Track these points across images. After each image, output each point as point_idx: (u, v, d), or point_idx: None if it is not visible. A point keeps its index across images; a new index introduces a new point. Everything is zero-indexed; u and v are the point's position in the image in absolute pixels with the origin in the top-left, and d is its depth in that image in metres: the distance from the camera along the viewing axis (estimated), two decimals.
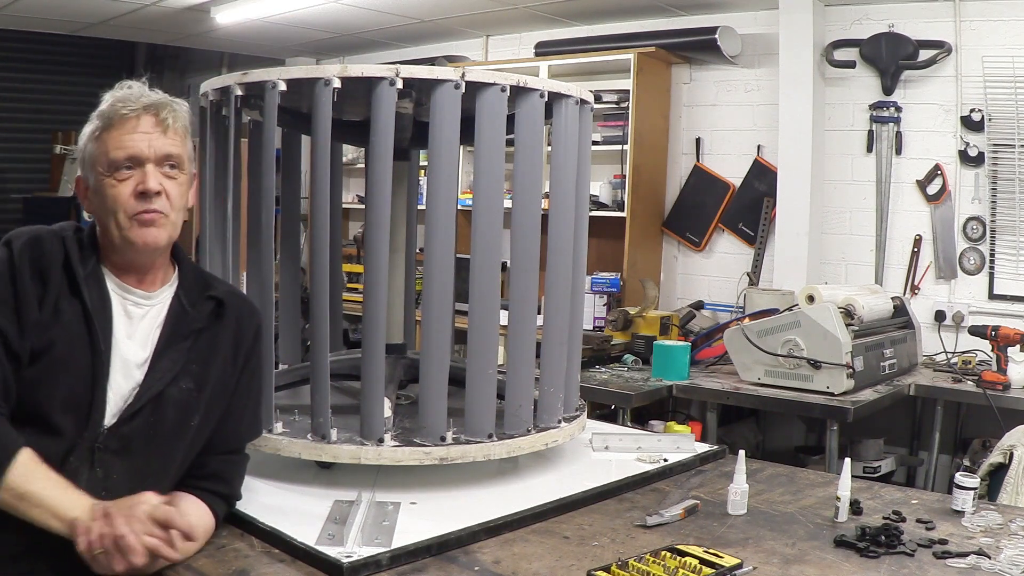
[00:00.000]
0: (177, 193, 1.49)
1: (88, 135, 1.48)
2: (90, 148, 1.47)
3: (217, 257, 2.04)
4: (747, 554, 1.57)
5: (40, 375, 1.39)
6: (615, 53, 5.03)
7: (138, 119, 1.45)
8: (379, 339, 1.81)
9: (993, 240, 4.28)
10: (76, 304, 1.43)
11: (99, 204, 1.48)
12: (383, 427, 1.82)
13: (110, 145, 1.44)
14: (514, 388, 1.93)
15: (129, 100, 1.46)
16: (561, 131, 1.96)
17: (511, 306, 1.94)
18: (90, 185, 1.49)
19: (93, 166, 1.47)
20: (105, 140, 1.45)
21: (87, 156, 1.48)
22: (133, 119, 1.45)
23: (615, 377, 3.67)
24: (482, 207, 1.86)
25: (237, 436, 1.65)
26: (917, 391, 3.73)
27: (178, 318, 1.53)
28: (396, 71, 1.76)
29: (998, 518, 1.81)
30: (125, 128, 1.45)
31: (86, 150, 1.48)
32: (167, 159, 1.47)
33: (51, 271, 1.43)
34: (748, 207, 4.97)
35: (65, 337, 1.41)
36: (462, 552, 1.55)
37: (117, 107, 1.45)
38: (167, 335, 1.51)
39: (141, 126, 1.45)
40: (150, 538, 1.34)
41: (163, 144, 1.46)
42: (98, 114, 1.47)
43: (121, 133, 1.45)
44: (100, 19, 5.88)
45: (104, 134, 1.45)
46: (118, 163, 1.44)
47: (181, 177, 1.50)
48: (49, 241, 1.45)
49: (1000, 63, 4.16)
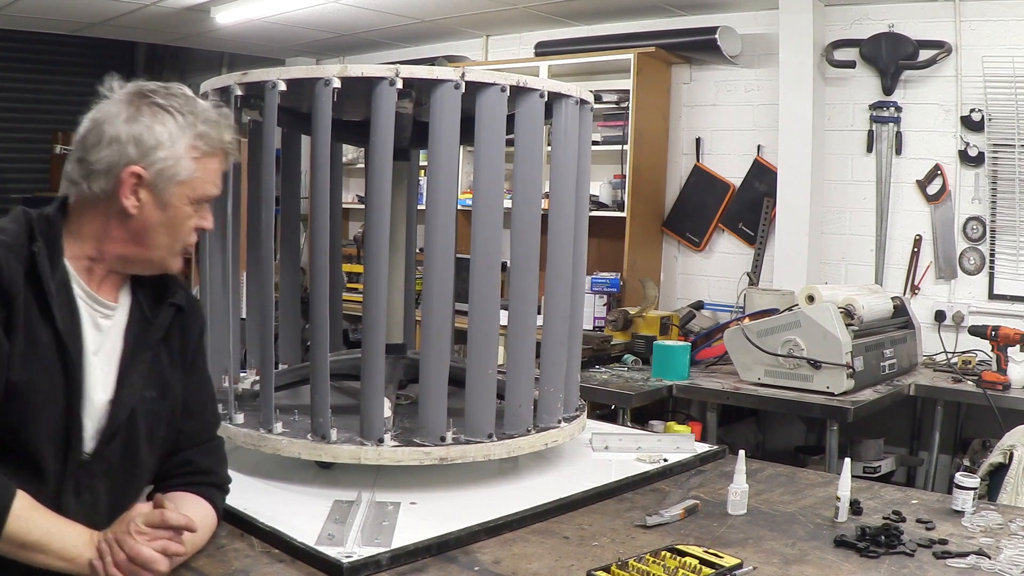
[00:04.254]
0: None
1: (184, 144, 1.36)
2: (186, 164, 1.36)
3: (217, 257, 2.04)
4: (747, 554, 1.57)
5: (23, 410, 1.28)
6: (615, 53, 5.03)
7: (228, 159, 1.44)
8: (379, 339, 1.81)
9: (993, 240, 4.28)
10: (47, 327, 1.30)
11: (161, 220, 1.37)
12: (383, 427, 1.82)
13: (209, 177, 1.39)
14: (514, 388, 1.93)
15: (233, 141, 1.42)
16: (561, 131, 1.96)
17: (511, 306, 1.94)
18: (159, 193, 1.36)
19: (180, 181, 1.36)
20: (206, 168, 1.39)
21: (177, 165, 1.35)
22: (231, 156, 1.43)
23: (615, 377, 3.67)
24: (482, 207, 1.86)
25: (208, 427, 1.60)
26: (917, 391, 3.73)
27: (140, 327, 1.44)
28: (396, 71, 1.76)
29: (998, 518, 1.81)
30: (223, 164, 1.42)
31: (180, 159, 1.35)
32: None
33: (13, 289, 1.27)
34: (748, 207, 4.97)
35: (42, 365, 1.30)
36: (462, 552, 1.55)
37: (227, 138, 1.41)
38: (131, 346, 1.42)
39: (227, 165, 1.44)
40: (159, 542, 1.31)
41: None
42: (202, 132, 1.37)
43: (218, 168, 1.41)
44: (100, 19, 5.88)
45: (209, 161, 1.39)
46: (206, 200, 1.41)
47: None
48: (5, 255, 1.28)
49: (1000, 63, 4.16)
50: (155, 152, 1.34)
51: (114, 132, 1.34)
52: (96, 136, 1.35)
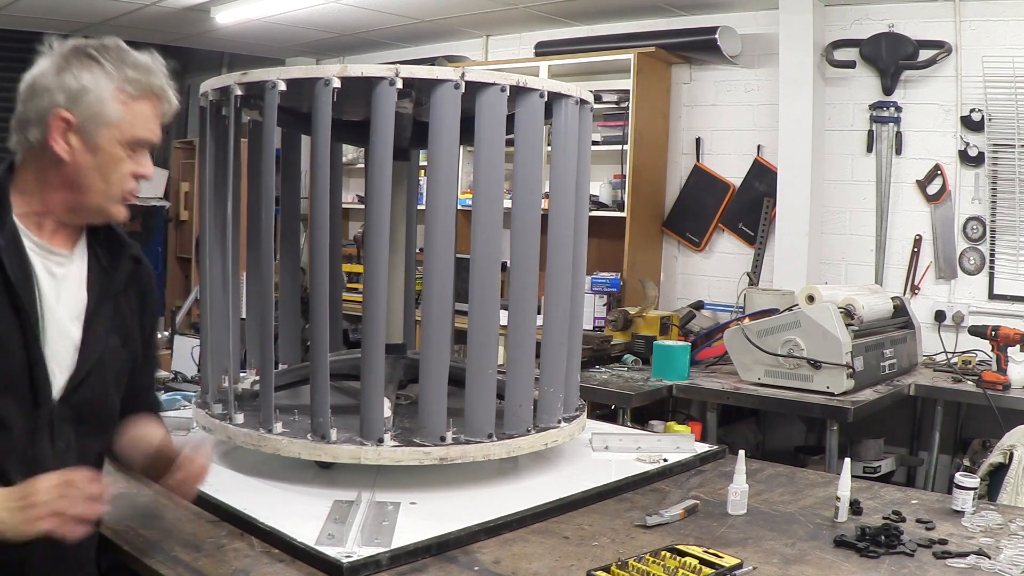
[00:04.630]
0: None
1: (110, 87, 1.37)
2: (113, 106, 1.37)
3: (217, 257, 2.04)
4: (747, 554, 1.57)
5: None
6: (615, 53, 5.03)
7: (160, 103, 1.42)
8: (379, 339, 1.81)
9: (993, 240, 4.28)
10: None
11: (93, 164, 1.39)
12: (383, 427, 1.82)
13: (138, 121, 1.39)
14: (514, 388, 1.93)
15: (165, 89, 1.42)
16: (561, 131, 1.96)
17: (511, 306, 1.94)
18: (88, 137, 1.37)
19: (108, 124, 1.37)
20: (137, 111, 1.39)
21: (104, 108, 1.37)
22: (164, 102, 1.42)
23: (615, 377, 3.67)
24: (482, 207, 1.86)
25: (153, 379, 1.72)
26: (917, 391, 3.72)
27: (101, 278, 1.48)
28: (396, 71, 1.76)
29: (998, 518, 1.81)
30: (156, 108, 1.42)
31: (102, 102, 1.37)
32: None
33: None
34: (748, 207, 4.97)
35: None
36: (462, 552, 1.55)
37: (156, 82, 1.40)
38: (95, 296, 1.46)
39: (161, 110, 1.43)
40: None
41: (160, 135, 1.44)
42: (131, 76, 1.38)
43: (153, 112, 1.41)
44: (100, 19, 5.88)
45: (138, 104, 1.39)
46: (141, 143, 1.41)
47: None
48: None
49: (1000, 63, 4.16)
50: (82, 97, 1.37)
51: (45, 83, 1.38)
52: (30, 90, 1.39)
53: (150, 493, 1.82)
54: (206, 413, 1.97)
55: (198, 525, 1.64)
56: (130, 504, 1.72)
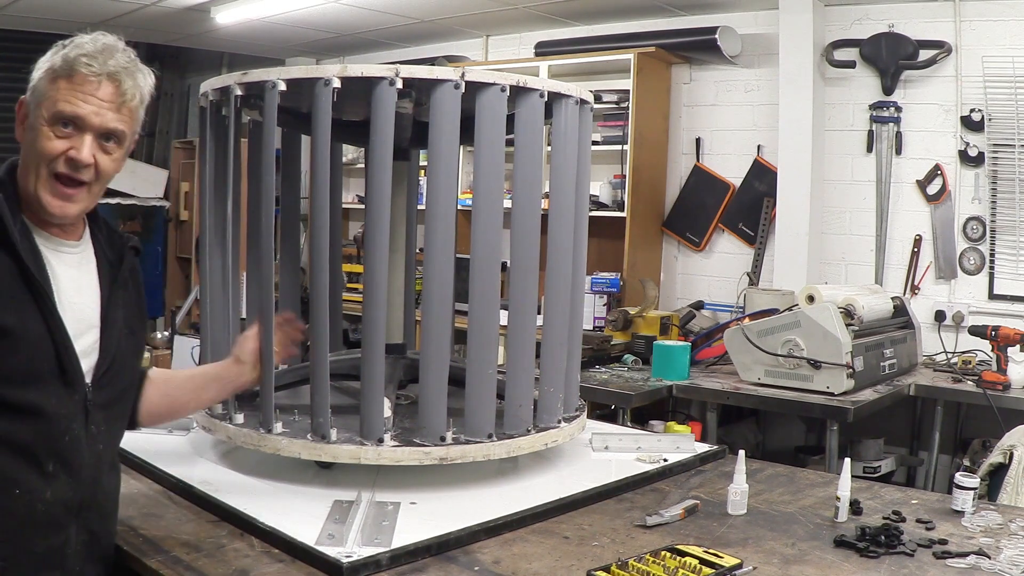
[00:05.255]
0: (109, 167, 1.42)
1: (45, 68, 1.38)
2: (42, 84, 1.38)
3: (217, 257, 2.04)
4: (747, 554, 1.57)
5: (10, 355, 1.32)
6: (615, 53, 5.03)
7: (98, 84, 1.37)
8: (379, 339, 1.81)
9: (993, 240, 4.28)
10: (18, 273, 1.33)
11: (29, 143, 1.39)
12: (383, 427, 1.82)
13: (60, 96, 1.36)
14: (514, 388, 1.93)
15: (96, 59, 1.37)
16: (561, 131, 1.95)
17: (511, 306, 1.94)
18: (30, 117, 1.39)
19: (38, 103, 1.37)
20: (58, 87, 1.36)
21: (37, 88, 1.38)
22: (93, 82, 1.36)
23: (615, 377, 3.67)
24: (482, 207, 1.86)
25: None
26: (917, 391, 3.72)
27: (108, 269, 1.50)
28: (396, 71, 1.75)
29: (998, 518, 1.81)
30: (82, 87, 1.36)
31: (38, 81, 1.38)
32: (111, 134, 1.40)
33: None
34: (748, 207, 4.97)
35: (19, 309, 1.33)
36: (462, 552, 1.55)
37: (81, 61, 1.36)
38: (107, 285, 1.48)
39: (99, 92, 1.37)
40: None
41: (111, 119, 1.39)
42: (62, 55, 1.37)
43: (75, 89, 1.36)
44: (100, 19, 5.88)
45: (60, 81, 1.36)
46: (61, 119, 1.36)
47: (118, 153, 1.43)
48: None
49: (1000, 63, 4.16)
50: (31, 83, 1.40)
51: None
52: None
53: (150, 493, 1.82)
54: (206, 413, 1.97)
55: (198, 525, 1.64)
56: (130, 504, 1.72)
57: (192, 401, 1.79)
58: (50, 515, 1.37)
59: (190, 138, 7.46)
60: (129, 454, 1.97)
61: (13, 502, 1.33)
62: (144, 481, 1.89)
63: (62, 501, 1.38)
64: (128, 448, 1.99)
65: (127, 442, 2.02)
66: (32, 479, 1.34)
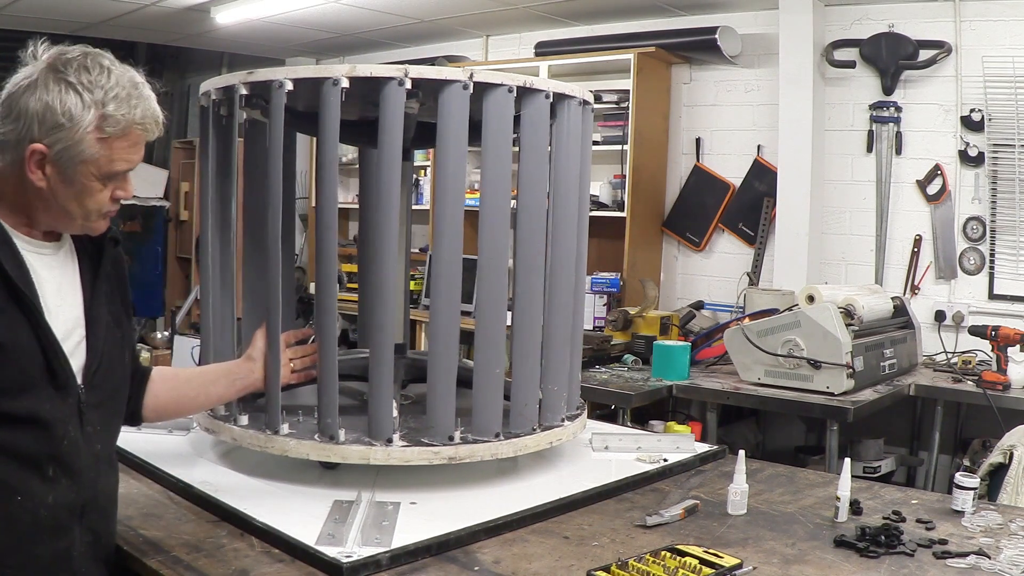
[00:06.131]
0: None
1: (86, 122, 1.33)
2: (89, 143, 1.34)
3: (217, 257, 2.03)
4: (747, 554, 1.57)
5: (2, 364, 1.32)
6: (615, 53, 5.03)
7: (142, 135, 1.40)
8: (388, 340, 1.80)
9: (993, 240, 4.28)
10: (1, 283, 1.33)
11: (69, 193, 1.38)
12: (392, 427, 1.81)
13: (116, 156, 1.37)
14: (519, 387, 1.93)
15: (149, 118, 1.39)
16: (564, 132, 1.95)
17: (516, 306, 1.93)
18: (63, 169, 1.35)
19: (84, 161, 1.35)
20: (112, 147, 1.36)
21: (81, 148, 1.34)
22: (147, 132, 1.40)
23: (615, 377, 3.67)
24: (489, 208, 1.85)
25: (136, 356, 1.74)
26: (917, 391, 3.73)
27: (89, 264, 1.50)
28: (405, 71, 1.74)
29: (998, 518, 1.81)
30: (137, 144, 1.40)
31: (82, 139, 1.34)
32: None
33: None
34: (748, 207, 4.97)
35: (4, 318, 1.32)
36: (462, 552, 1.55)
37: (137, 125, 1.37)
38: (89, 282, 1.48)
39: (143, 139, 1.41)
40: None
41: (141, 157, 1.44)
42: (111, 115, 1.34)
43: (128, 146, 1.39)
44: (100, 19, 5.88)
45: (114, 141, 1.36)
46: (116, 176, 1.40)
47: None
48: None
49: (1000, 63, 4.16)
50: (57, 132, 1.33)
51: (21, 106, 1.34)
52: (6, 108, 1.36)
53: (150, 493, 1.82)
54: (209, 414, 1.96)
55: (198, 525, 1.64)
56: (130, 504, 1.72)
57: (200, 395, 1.80)
58: (54, 520, 1.37)
59: (190, 138, 7.46)
60: (129, 454, 1.97)
61: (16, 510, 1.33)
62: (144, 481, 1.89)
63: (65, 505, 1.38)
64: (128, 448, 1.99)
65: (127, 442, 2.04)
66: (33, 486, 1.35)
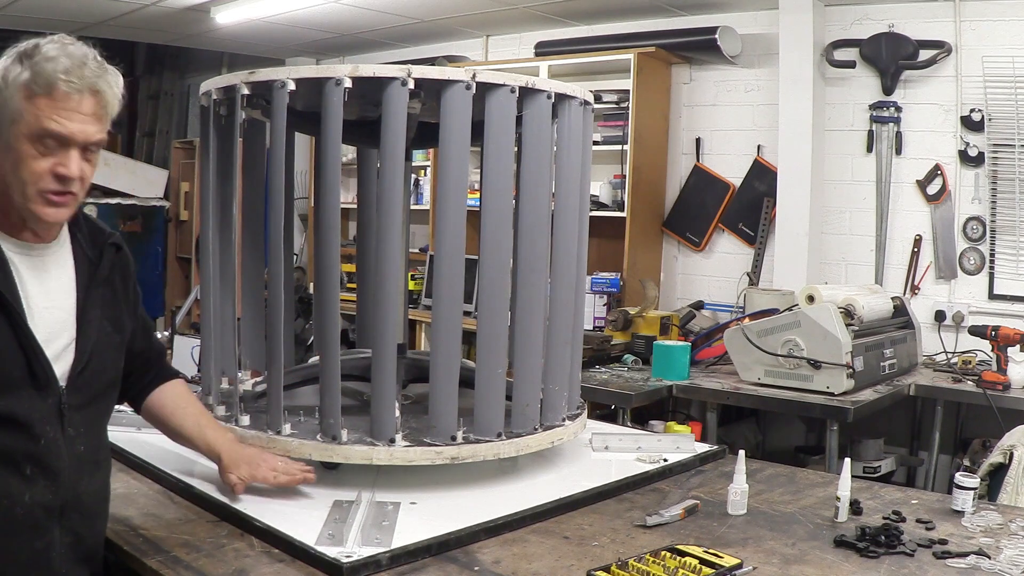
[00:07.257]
0: (91, 174, 1.41)
1: (17, 82, 1.32)
2: (16, 101, 1.32)
3: (218, 257, 2.03)
4: (747, 554, 1.57)
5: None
6: (615, 53, 5.03)
7: (80, 99, 1.33)
8: (391, 340, 1.80)
9: (993, 240, 4.28)
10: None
11: (8, 162, 1.35)
12: (395, 428, 1.80)
13: (43, 115, 1.32)
14: (521, 387, 1.93)
15: (74, 74, 1.32)
16: (566, 132, 1.95)
17: (518, 305, 1.94)
18: (3, 137, 1.34)
19: (14, 121, 1.32)
20: (39, 105, 1.32)
21: (11, 106, 1.32)
22: (76, 98, 1.33)
23: (615, 377, 3.67)
24: (491, 208, 1.85)
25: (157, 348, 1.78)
26: (917, 391, 3.73)
27: (87, 268, 1.49)
28: (408, 71, 1.73)
29: (998, 518, 1.81)
30: (65, 104, 1.33)
31: (11, 98, 1.32)
32: (93, 145, 1.38)
33: None
34: (748, 207, 4.97)
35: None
36: (462, 552, 1.55)
37: (60, 78, 1.32)
38: (84, 285, 1.47)
39: (82, 107, 1.34)
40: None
41: (94, 132, 1.37)
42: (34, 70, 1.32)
43: (58, 107, 1.32)
44: (100, 19, 5.88)
45: (40, 99, 1.32)
46: (47, 137, 1.33)
47: (95, 157, 1.41)
48: None
49: (1000, 63, 4.16)
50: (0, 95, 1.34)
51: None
52: None
53: (150, 493, 1.82)
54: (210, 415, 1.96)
55: (198, 525, 1.64)
56: (130, 504, 1.72)
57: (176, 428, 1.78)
58: (31, 519, 1.37)
59: (190, 138, 7.47)
60: (129, 454, 1.97)
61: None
62: (144, 481, 1.89)
63: (42, 504, 1.38)
64: (128, 448, 1.99)
65: (127, 442, 2.04)
66: (11, 484, 1.35)
